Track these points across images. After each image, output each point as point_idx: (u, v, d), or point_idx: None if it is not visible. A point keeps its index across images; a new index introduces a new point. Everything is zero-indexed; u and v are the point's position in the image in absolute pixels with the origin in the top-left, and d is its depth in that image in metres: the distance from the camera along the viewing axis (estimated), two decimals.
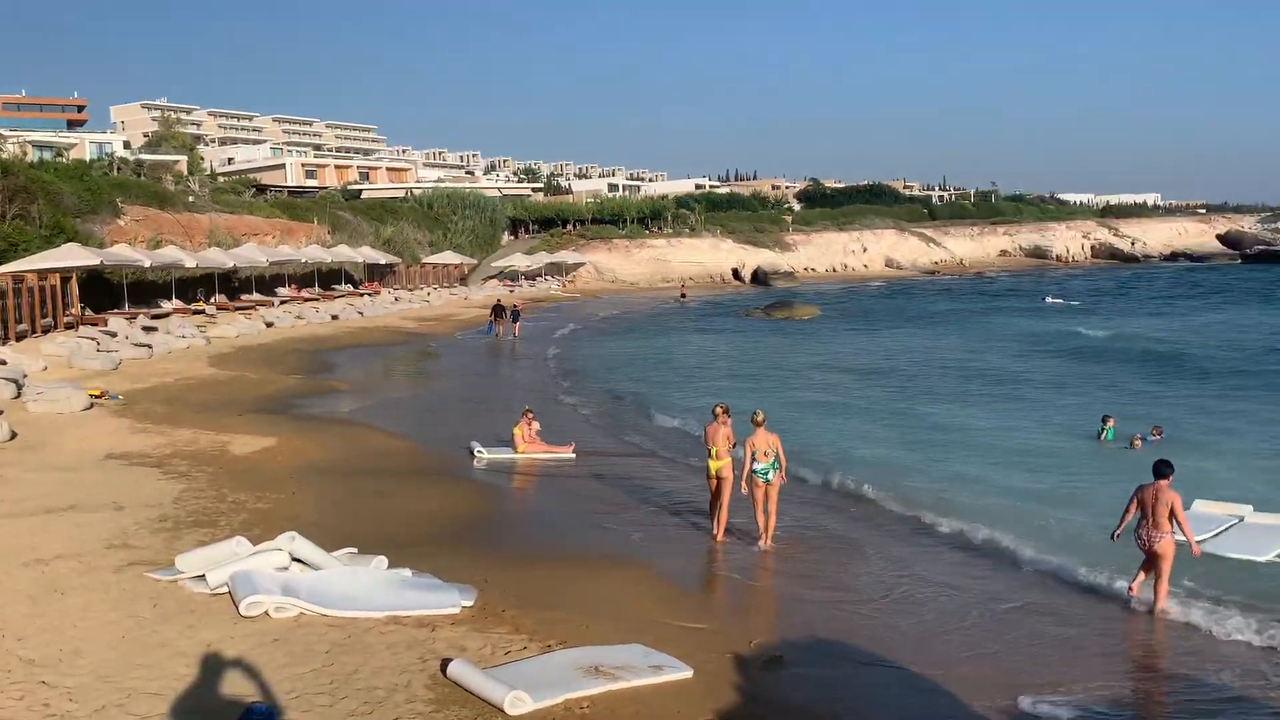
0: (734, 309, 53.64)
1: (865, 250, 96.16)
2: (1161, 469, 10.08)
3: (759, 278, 77.86)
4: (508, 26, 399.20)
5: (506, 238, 79.72)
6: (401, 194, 78.71)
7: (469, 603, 8.97)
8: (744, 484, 11.88)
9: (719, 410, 12.35)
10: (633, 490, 14.79)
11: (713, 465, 12.15)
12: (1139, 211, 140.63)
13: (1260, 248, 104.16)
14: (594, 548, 11.66)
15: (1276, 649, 8.82)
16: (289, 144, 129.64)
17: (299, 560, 9.37)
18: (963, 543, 12.19)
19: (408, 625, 8.40)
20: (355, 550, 10.05)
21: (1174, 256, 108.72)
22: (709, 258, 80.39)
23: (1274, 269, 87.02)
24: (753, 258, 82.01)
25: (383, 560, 9.70)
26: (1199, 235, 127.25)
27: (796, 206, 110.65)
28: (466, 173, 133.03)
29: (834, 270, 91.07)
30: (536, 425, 17.24)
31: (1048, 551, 11.49)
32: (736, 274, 79.44)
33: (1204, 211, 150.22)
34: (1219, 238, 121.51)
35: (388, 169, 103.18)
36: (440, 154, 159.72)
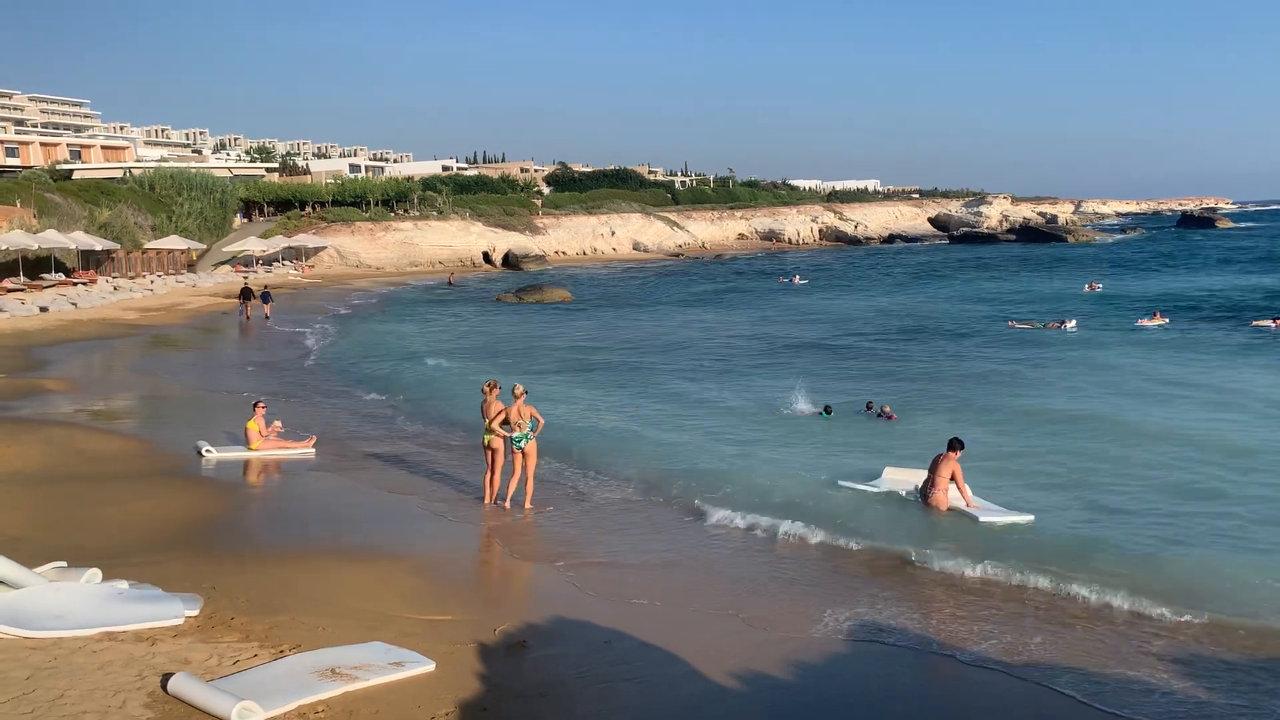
0: (485, 294, 53.29)
1: (614, 234, 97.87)
2: (952, 444, 12.12)
3: (510, 261, 77.51)
4: None
5: (239, 221, 75.29)
6: (119, 174, 72.78)
7: (193, 612, 8.50)
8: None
9: (486, 387, 13.23)
10: (384, 478, 14.47)
11: (486, 437, 13.04)
12: (861, 197, 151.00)
13: (965, 229, 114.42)
14: (335, 544, 11.30)
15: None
16: None
17: None
18: (699, 513, 12.71)
19: (124, 641, 7.85)
20: (65, 564, 9.30)
21: (891, 238, 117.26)
22: (459, 241, 79.13)
23: (976, 248, 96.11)
24: (504, 241, 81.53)
25: (96, 573, 9.03)
26: (913, 219, 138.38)
27: (545, 190, 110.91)
28: (194, 151, 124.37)
29: (584, 253, 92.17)
30: (277, 422, 16.46)
31: (771, 514, 12.24)
32: (487, 257, 78.70)
33: (917, 196, 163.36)
34: (930, 220, 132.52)
35: (103, 147, 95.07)
36: (163, 130, 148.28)
